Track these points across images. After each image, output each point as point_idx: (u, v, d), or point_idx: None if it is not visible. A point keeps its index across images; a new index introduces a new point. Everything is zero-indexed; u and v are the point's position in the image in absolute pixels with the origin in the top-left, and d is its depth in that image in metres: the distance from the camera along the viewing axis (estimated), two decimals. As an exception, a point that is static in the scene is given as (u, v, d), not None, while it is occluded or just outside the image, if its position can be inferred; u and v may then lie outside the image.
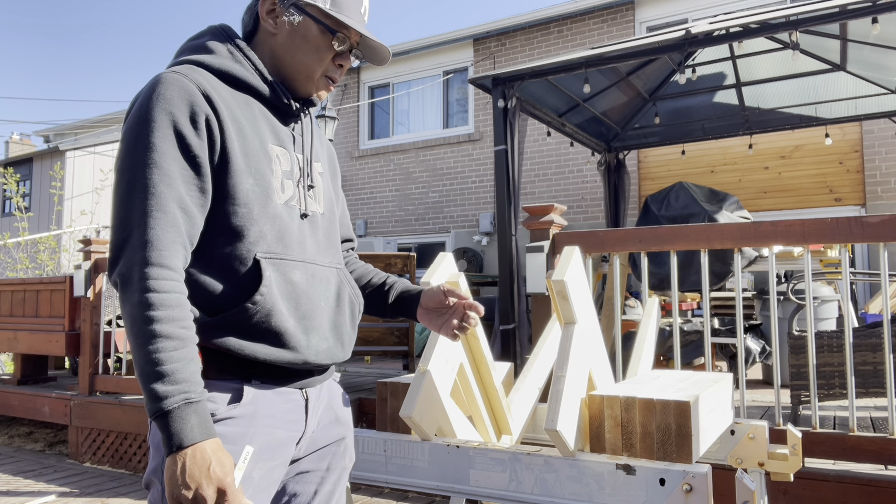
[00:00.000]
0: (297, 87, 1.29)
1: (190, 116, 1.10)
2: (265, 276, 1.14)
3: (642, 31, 9.10)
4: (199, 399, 1.02)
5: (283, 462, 1.21)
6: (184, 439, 0.99)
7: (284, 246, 1.20)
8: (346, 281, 1.34)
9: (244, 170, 1.15)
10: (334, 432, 1.34)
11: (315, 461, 1.30)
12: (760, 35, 4.08)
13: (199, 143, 1.11)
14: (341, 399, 1.39)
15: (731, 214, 4.93)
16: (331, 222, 1.35)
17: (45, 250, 10.36)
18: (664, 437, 1.48)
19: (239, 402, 1.14)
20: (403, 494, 3.76)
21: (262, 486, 1.16)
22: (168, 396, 0.99)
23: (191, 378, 1.02)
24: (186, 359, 1.03)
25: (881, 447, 2.64)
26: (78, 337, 5.15)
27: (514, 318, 4.17)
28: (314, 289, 1.24)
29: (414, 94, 11.18)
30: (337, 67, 1.29)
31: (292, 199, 1.24)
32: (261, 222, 1.17)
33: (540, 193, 9.56)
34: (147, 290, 1.02)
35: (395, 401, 1.91)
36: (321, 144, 1.40)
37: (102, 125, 17.28)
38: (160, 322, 1.01)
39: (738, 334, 2.99)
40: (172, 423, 0.99)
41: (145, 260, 1.03)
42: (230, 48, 1.24)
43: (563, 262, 1.63)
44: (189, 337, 1.05)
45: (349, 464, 1.39)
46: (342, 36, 1.26)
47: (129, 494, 4.00)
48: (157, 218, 1.05)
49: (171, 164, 1.08)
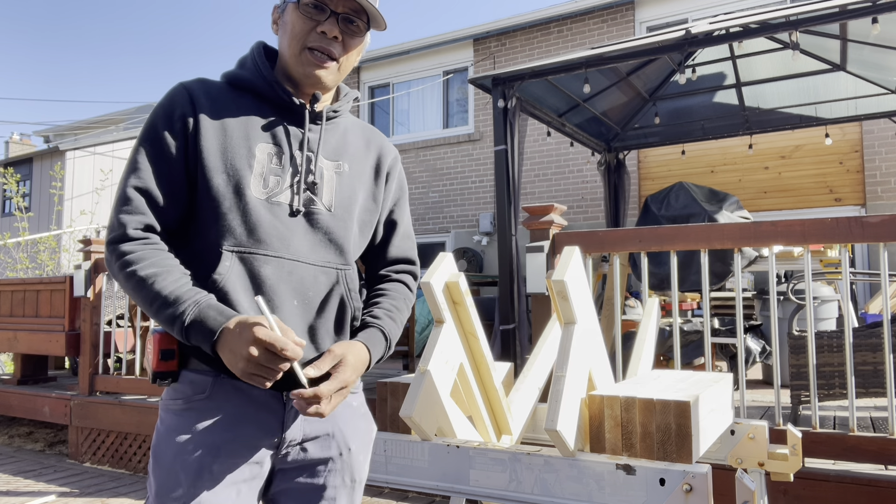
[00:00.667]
0: (294, 75, 1.29)
1: (169, 118, 1.23)
2: (220, 265, 1.19)
3: (642, 31, 9.10)
4: (204, 298, 1.14)
5: (253, 461, 1.20)
6: (214, 329, 1.11)
7: (256, 240, 1.21)
8: (343, 284, 1.30)
9: (217, 167, 1.21)
10: (330, 448, 1.29)
11: (307, 476, 1.27)
12: (760, 35, 4.08)
13: (172, 141, 1.22)
14: (348, 413, 1.33)
15: (731, 214, 4.93)
16: (341, 220, 1.30)
17: (45, 250, 10.37)
18: (664, 437, 1.48)
19: (203, 394, 1.19)
20: (403, 494, 3.76)
21: (224, 480, 1.16)
22: (182, 314, 1.12)
23: (184, 288, 1.15)
24: (174, 281, 1.15)
25: (881, 447, 2.64)
26: (78, 337, 5.15)
27: (514, 318, 4.17)
28: (287, 286, 1.22)
29: (414, 94, 11.19)
30: (320, 35, 1.25)
31: (278, 196, 1.24)
32: (229, 216, 1.20)
33: (540, 193, 9.56)
34: (119, 259, 1.17)
35: (395, 401, 1.91)
36: (347, 145, 1.37)
37: (102, 125, 17.30)
38: (137, 272, 1.15)
39: (738, 334, 2.99)
40: (198, 327, 1.11)
41: (112, 240, 1.18)
42: (249, 58, 1.33)
43: (563, 262, 1.63)
44: (167, 266, 1.17)
45: (350, 482, 1.32)
46: (314, 2, 1.24)
47: (129, 494, 4.00)
48: (121, 203, 1.20)
49: (144, 159, 1.21)
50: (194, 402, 1.19)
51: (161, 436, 1.20)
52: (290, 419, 1.24)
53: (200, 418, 1.18)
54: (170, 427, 1.19)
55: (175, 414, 1.20)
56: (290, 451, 1.25)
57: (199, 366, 1.21)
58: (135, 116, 16.66)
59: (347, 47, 1.28)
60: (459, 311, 1.78)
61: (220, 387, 1.20)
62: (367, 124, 1.47)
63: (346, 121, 1.40)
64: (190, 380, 1.20)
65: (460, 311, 1.78)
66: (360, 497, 1.37)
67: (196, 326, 1.11)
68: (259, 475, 1.22)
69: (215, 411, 1.19)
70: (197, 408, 1.19)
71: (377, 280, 1.42)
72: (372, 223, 1.40)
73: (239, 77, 1.30)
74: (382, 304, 1.35)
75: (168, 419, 1.21)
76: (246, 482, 1.19)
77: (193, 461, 1.15)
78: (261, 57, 1.31)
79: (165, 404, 1.23)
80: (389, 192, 1.44)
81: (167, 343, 1.20)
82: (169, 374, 1.20)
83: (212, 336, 1.11)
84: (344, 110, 1.39)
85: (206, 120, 1.22)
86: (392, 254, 1.43)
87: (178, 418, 1.19)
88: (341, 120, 1.38)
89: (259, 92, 1.29)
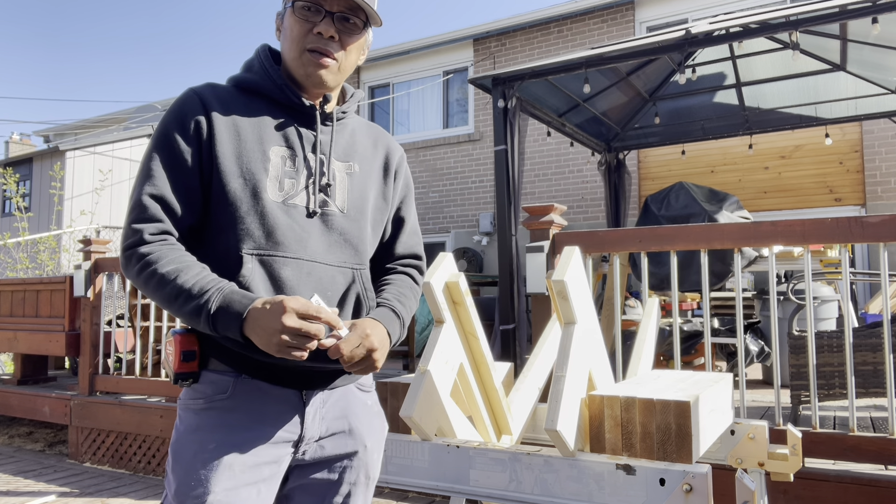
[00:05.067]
0: (297, 77, 1.30)
1: (182, 125, 1.22)
2: (244, 268, 1.19)
3: (642, 31, 9.10)
4: (227, 285, 1.15)
5: (272, 461, 1.21)
6: (241, 311, 1.11)
7: (275, 243, 1.22)
8: (359, 282, 1.32)
9: (233, 171, 1.22)
10: (346, 444, 1.30)
11: (324, 472, 1.29)
12: (760, 35, 4.08)
13: (186, 147, 1.22)
14: (363, 411, 1.35)
15: (731, 214, 4.93)
16: (355, 221, 1.32)
17: (45, 250, 10.36)
18: (664, 437, 1.48)
19: (225, 394, 1.20)
20: (403, 494, 3.76)
21: (244, 479, 1.16)
22: (206, 303, 1.12)
23: (207, 279, 1.15)
24: (195, 274, 1.15)
25: (881, 447, 2.64)
26: (78, 337, 5.15)
27: (514, 318, 4.17)
28: (306, 287, 1.23)
29: (414, 94, 11.18)
30: (317, 37, 1.26)
31: (294, 198, 1.25)
32: (247, 220, 1.21)
33: (540, 193, 9.56)
34: (139, 262, 1.17)
35: (396, 401, 1.92)
36: (355, 145, 1.38)
37: (102, 125, 17.29)
38: (158, 270, 1.15)
39: (738, 334, 2.99)
40: (224, 312, 1.12)
41: (129, 245, 1.18)
42: (256, 61, 1.34)
43: (563, 262, 1.63)
44: (186, 262, 1.17)
45: (365, 479, 1.34)
46: (308, 4, 1.26)
47: (129, 494, 4.00)
48: (136, 210, 1.19)
49: (158, 167, 1.21)
50: (215, 402, 1.20)
51: (181, 434, 1.21)
52: (310, 417, 1.25)
53: (221, 417, 1.19)
54: (190, 426, 1.20)
55: (195, 413, 1.21)
56: (308, 448, 1.26)
57: (219, 366, 1.22)
58: (135, 116, 16.66)
59: (346, 46, 1.29)
60: (459, 311, 1.78)
61: (241, 387, 1.21)
62: (373, 124, 1.49)
63: (353, 121, 1.41)
64: (211, 380, 1.21)
65: (460, 311, 1.78)
66: (372, 494, 1.38)
67: (222, 312, 1.11)
68: (277, 473, 1.23)
69: (236, 411, 1.20)
70: (218, 407, 1.20)
71: (384, 273, 1.44)
72: (382, 222, 1.42)
73: (247, 81, 1.31)
74: (389, 290, 1.38)
75: (188, 418, 1.21)
76: (265, 481, 1.20)
77: (214, 460, 1.16)
78: (268, 59, 1.32)
79: (185, 404, 1.23)
80: (397, 190, 1.46)
81: (188, 344, 1.21)
82: (190, 375, 1.21)
83: (239, 318, 1.11)
84: (351, 111, 1.40)
85: (220, 125, 1.23)
86: (399, 250, 1.46)
87: (199, 417, 1.20)
88: (349, 121, 1.40)
89: (268, 95, 1.30)
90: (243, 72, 1.34)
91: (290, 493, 1.30)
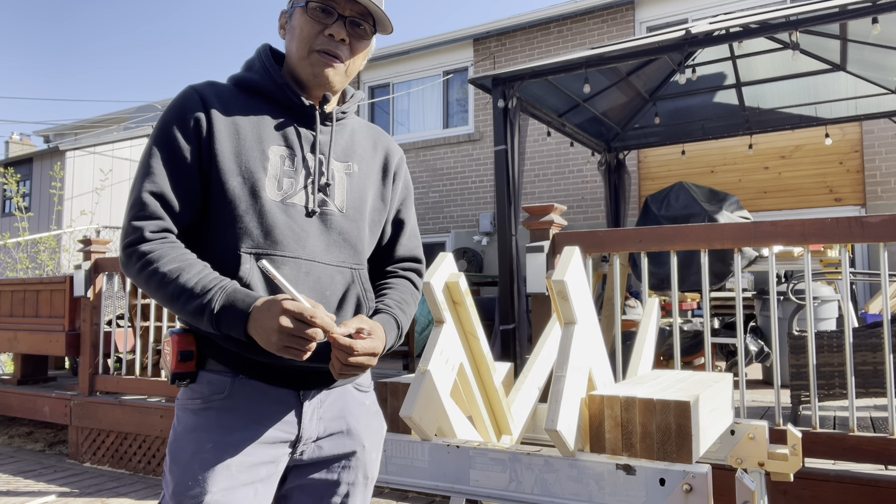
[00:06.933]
0: (302, 77, 1.30)
1: (182, 122, 1.22)
2: (241, 267, 1.19)
3: (642, 31, 9.10)
4: (229, 283, 1.15)
5: (270, 461, 1.21)
6: (245, 310, 1.11)
7: (273, 242, 1.22)
8: (358, 283, 1.31)
9: (232, 170, 1.22)
10: (344, 445, 1.30)
11: (322, 472, 1.29)
12: (760, 35, 4.08)
13: (185, 145, 1.22)
14: (360, 411, 1.34)
15: (731, 214, 4.93)
16: (354, 221, 1.32)
17: (45, 250, 10.36)
18: (664, 437, 1.48)
19: (222, 394, 1.20)
20: (403, 494, 3.76)
21: (241, 479, 1.16)
22: (210, 302, 1.12)
23: (209, 277, 1.15)
24: (197, 273, 1.15)
25: (881, 447, 2.64)
26: (78, 337, 5.15)
27: (514, 318, 4.17)
28: (305, 286, 1.23)
29: (414, 94, 11.18)
30: (327, 38, 1.26)
31: (293, 197, 1.25)
32: (246, 218, 1.21)
33: (540, 193, 9.56)
34: (139, 260, 1.16)
35: (395, 401, 1.92)
36: (355, 146, 1.38)
37: (102, 125, 17.30)
38: (159, 269, 1.14)
39: (738, 334, 2.99)
40: (228, 311, 1.11)
41: (129, 243, 1.18)
42: (257, 60, 1.34)
43: (563, 262, 1.63)
44: (188, 260, 1.16)
45: (363, 479, 1.33)
46: (322, 6, 1.26)
47: (129, 494, 4.00)
48: (136, 207, 1.19)
49: (158, 164, 1.21)
50: (213, 402, 1.20)
51: (178, 434, 1.21)
52: (307, 417, 1.25)
53: (219, 418, 1.19)
54: (187, 426, 1.20)
55: (193, 413, 1.21)
56: (306, 449, 1.26)
57: (216, 366, 1.22)
58: (135, 116, 16.66)
59: (354, 50, 1.30)
60: (459, 311, 1.78)
61: (238, 387, 1.21)
62: (373, 124, 1.49)
63: (353, 122, 1.41)
64: (208, 380, 1.21)
65: (460, 311, 1.78)
66: (371, 494, 1.38)
67: (226, 311, 1.12)
68: (275, 473, 1.23)
69: (234, 411, 1.20)
70: (215, 407, 1.20)
71: (383, 276, 1.43)
72: (380, 223, 1.41)
73: (248, 80, 1.31)
74: (391, 295, 1.37)
75: (185, 418, 1.21)
76: (262, 481, 1.20)
77: (211, 460, 1.16)
78: (269, 59, 1.32)
79: (183, 404, 1.23)
80: (396, 191, 1.45)
81: (185, 344, 1.21)
82: (187, 375, 1.21)
83: (243, 317, 1.11)
84: (351, 111, 1.40)
85: (219, 123, 1.23)
86: (399, 252, 1.45)
87: (197, 417, 1.20)
88: (348, 121, 1.40)
89: (268, 94, 1.30)
90: (244, 71, 1.34)
91: (289, 494, 1.30)
